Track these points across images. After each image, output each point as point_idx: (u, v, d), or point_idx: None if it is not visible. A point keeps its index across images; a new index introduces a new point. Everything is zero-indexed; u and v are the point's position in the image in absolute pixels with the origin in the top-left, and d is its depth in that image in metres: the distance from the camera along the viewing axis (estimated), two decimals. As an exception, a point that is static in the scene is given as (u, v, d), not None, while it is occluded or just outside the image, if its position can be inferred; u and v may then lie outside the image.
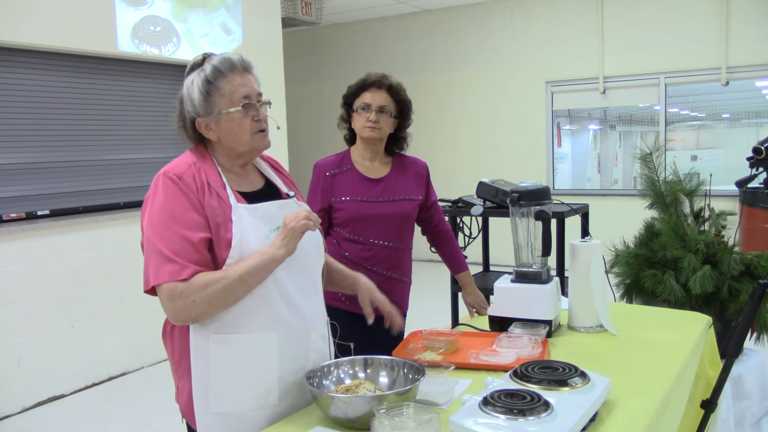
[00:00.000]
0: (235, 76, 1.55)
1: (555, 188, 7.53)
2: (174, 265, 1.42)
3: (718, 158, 6.99)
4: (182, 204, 1.48)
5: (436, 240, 2.53)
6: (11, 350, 3.88)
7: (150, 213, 1.49)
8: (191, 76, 1.57)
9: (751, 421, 2.57)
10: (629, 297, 2.75)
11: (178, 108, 1.59)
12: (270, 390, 1.54)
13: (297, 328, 1.58)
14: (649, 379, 1.65)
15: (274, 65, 5.73)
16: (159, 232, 1.46)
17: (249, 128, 1.57)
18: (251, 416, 1.53)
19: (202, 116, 1.55)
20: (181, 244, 1.44)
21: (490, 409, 1.27)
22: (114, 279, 4.40)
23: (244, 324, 1.51)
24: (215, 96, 1.54)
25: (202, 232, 1.47)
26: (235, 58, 1.57)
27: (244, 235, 1.49)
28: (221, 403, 1.52)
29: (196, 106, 1.55)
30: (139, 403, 4.01)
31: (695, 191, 2.75)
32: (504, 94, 7.72)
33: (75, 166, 4.39)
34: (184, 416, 1.59)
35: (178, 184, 1.49)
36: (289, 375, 1.56)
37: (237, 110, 1.54)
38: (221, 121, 1.55)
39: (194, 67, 1.57)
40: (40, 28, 4.01)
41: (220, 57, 1.56)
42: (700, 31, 6.59)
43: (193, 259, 1.44)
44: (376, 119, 2.24)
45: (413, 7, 7.90)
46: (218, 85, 1.54)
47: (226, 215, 1.51)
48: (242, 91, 1.55)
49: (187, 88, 1.56)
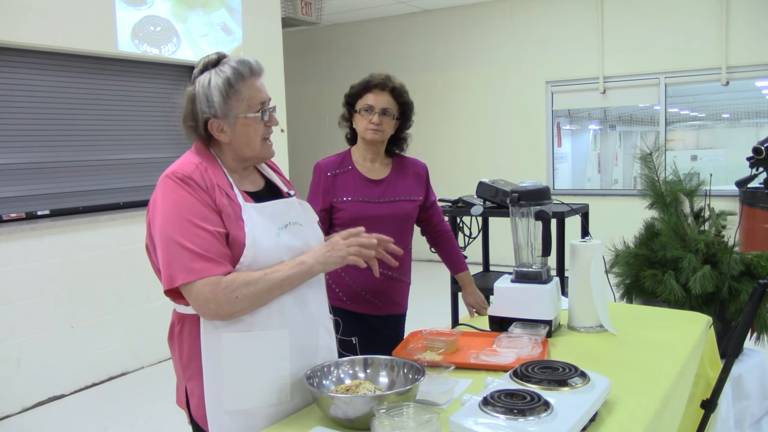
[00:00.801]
0: (254, 81, 1.56)
1: (555, 188, 7.53)
2: (208, 261, 1.42)
3: (718, 158, 6.99)
4: (198, 202, 1.47)
5: (435, 240, 2.53)
6: (11, 350, 3.88)
7: (165, 213, 1.47)
8: (207, 75, 1.54)
9: (751, 421, 2.57)
10: (629, 297, 2.75)
11: (188, 106, 1.56)
12: (283, 386, 1.54)
13: (306, 324, 1.60)
14: (649, 379, 1.65)
15: (274, 65, 5.73)
16: (182, 231, 1.44)
17: (261, 133, 1.58)
18: (265, 413, 1.53)
19: (218, 118, 1.54)
20: (209, 240, 1.44)
21: (490, 409, 1.27)
22: (114, 279, 4.39)
23: (256, 322, 1.51)
24: (234, 99, 1.53)
25: (222, 228, 1.48)
26: (253, 62, 1.56)
27: (256, 235, 1.50)
28: (235, 401, 1.52)
29: (215, 107, 1.53)
30: (139, 403, 4.00)
31: (695, 191, 2.75)
32: (504, 94, 7.72)
33: (75, 166, 4.40)
34: (195, 418, 1.58)
35: (189, 183, 1.48)
36: (300, 371, 1.56)
37: (255, 115, 1.56)
38: (237, 124, 1.55)
39: (208, 66, 1.56)
40: (39, 28, 4.01)
41: (239, 60, 1.55)
42: (700, 31, 6.59)
43: (223, 255, 1.45)
44: (379, 121, 2.24)
45: (413, 7, 7.90)
46: (238, 88, 1.53)
47: (237, 214, 1.51)
48: (260, 96, 1.57)
49: (204, 87, 1.54)
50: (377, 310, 2.33)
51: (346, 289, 2.30)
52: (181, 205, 1.46)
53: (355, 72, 2.60)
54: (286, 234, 1.57)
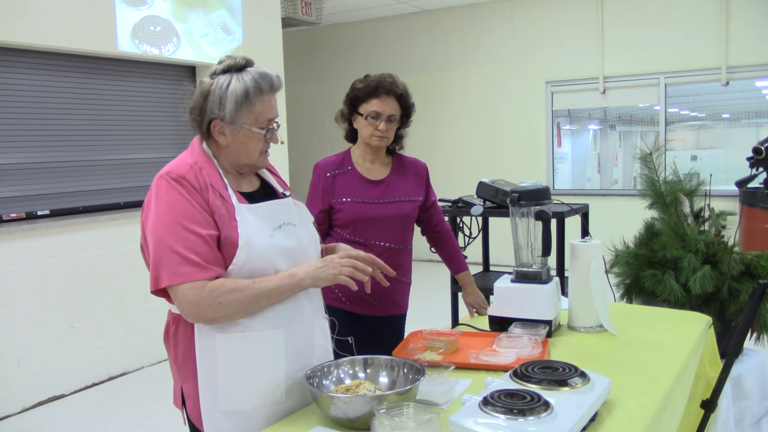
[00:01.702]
0: (269, 97, 1.57)
1: (555, 188, 7.53)
2: (195, 264, 1.43)
3: (718, 158, 6.99)
4: (190, 203, 1.47)
5: (436, 240, 2.53)
6: (11, 350, 3.88)
7: (157, 214, 1.48)
8: (227, 78, 1.54)
9: (751, 421, 2.57)
10: (629, 297, 2.75)
11: (199, 100, 1.56)
12: (277, 387, 1.55)
13: (301, 325, 1.60)
14: (649, 379, 1.65)
15: (274, 65, 5.71)
16: (172, 232, 1.45)
17: (260, 148, 1.59)
18: (259, 414, 1.53)
19: (224, 121, 1.54)
20: (198, 244, 1.44)
21: (490, 409, 1.27)
22: (114, 279, 4.39)
23: (251, 323, 1.51)
24: (245, 110, 1.54)
25: (214, 230, 1.48)
26: (275, 77, 1.57)
27: (249, 235, 1.50)
28: (229, 402, 1.52)
29: (225, 111, 1.53)
30: (139, 403, 4.00)
31: (695, 191, 2.75)
32: (504, 94, 7.71)
33: (75, 166, 4.39)
34: (190, 417, 1.58)
35: (183, 184, 1.49)
36: (295, 371, 1.57)
37: (260, 132, 1.57)
38: (240, 133, 1.56)
39: (232, 68, 1.55)
40: (39, 28, 4.00)
41: (262, 72, 1.55)
42: (700, 31, 6.58)
43: (211, 259, 1.46)
44: (386, 129, 2.24)
45: (413, 7, 7.90)
46: (253, 101, 1.54)
47: (230, 215, 1.51)
48: (270, 114, 1.58)
49: (221, 89, 1.53)
50: (377, 310, 2.33)
51: (346, 290, 2.28)
52: (173, 208, 1.47)
53: (354, 72, 2.58)
54: (279, 234, 1.58)
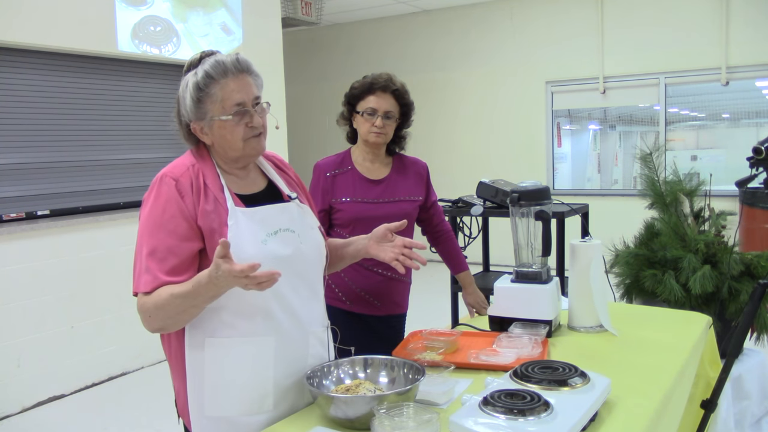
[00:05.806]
0: (229, 81, 1.49)
1: (555, 188, 7.53)
2: (148, 275, 1.42)
3: (718, 158, 6.99)
4: (171, 211, 1.45)
5: (436, 240, 2.53)
6: (11, 350, 3.88)
7: (142, 218, 1.49)
8: (186, 78, 1.52)
9: (751, 421, 2.57)
10: (629, 297, 2.75)
11: (176, 108, 1.56)
12: (265, 396, 1.52)
13: (294, 333, 1.55)
14: (649, 379, 1.65)
15: (274, 65, 5.72)
16: (145, 239, 1.45)
17: (241, 135, 1.51)
18: (245, 422, 1.50)
19: (195, 121, 1.52)
20: (163, 254, 1.43)
21: (490, 409, 1.27)
22: (114, 279, 4.39)
23: (240, 328, 1.49)
24: (207, 102, 1.49)
25: (189, 242, 1.45)
26: (229, 60, 1.49)
27: (239, 240, 1.45)
28: (215, 407, 1.50)
29: (188, 112, 1.52)
30: (139, 403, 4.00)
31: (695, 191, 2.75)
32: (504, 94, 7.71)
33: (75, 166, 4.39)
34: (181, 416, 1.59)
35: (173, 188, 1.47)
36: (285, 380, 1.54)
37: (228, 118, 1.49)
38: (214, 126, 1.51)
39: (191, 66, 1.53)
40: (40, 28, 4.00)
41: (213, 61, 1.49)
42: (700, 31, 6.58)
43: (170, 269, 1.42)
44: (383, 125, 2.24)
45: (413, 7, 7.90)
46: (210, 91, 1.48)
47: (222, 219, 1.47)
48: (235, 97, 1.49)
49: (182, 91, 1.53)
50: (377, 310, 2.33)
51: (346, 289, 2.30)
52: (154, 213, 1.46)
53: (355, 72, 2.59)
54: (273, 241, 1.52)
